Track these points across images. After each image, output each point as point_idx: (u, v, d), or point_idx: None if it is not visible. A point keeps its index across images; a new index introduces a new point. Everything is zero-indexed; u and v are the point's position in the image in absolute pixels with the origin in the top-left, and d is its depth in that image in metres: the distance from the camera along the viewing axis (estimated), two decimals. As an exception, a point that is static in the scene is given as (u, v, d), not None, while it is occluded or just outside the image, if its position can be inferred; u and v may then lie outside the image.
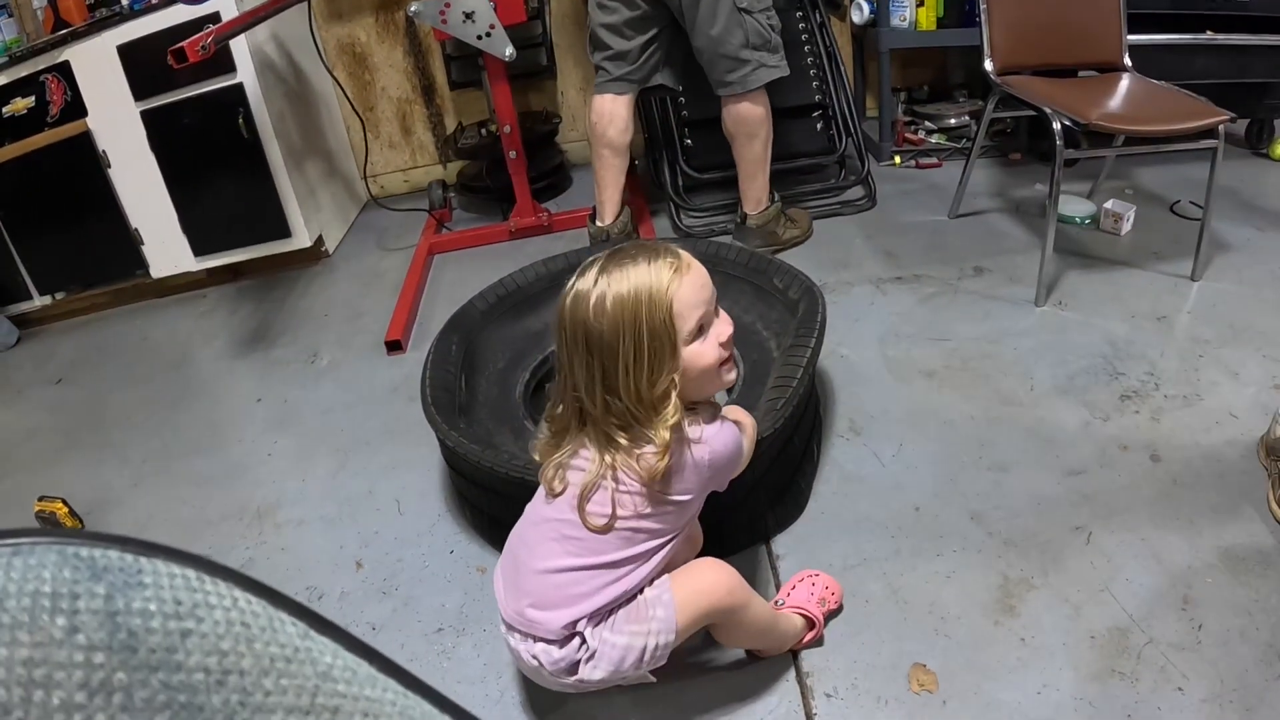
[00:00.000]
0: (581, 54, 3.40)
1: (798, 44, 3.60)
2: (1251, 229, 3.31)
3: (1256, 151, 4.16)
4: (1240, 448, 2.16)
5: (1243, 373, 2.45)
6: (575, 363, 1.36)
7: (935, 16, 3.79)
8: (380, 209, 3.88)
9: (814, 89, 3.62)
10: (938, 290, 2.87)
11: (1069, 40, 3.12)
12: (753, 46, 2.81)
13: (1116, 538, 1.88)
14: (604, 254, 1.39)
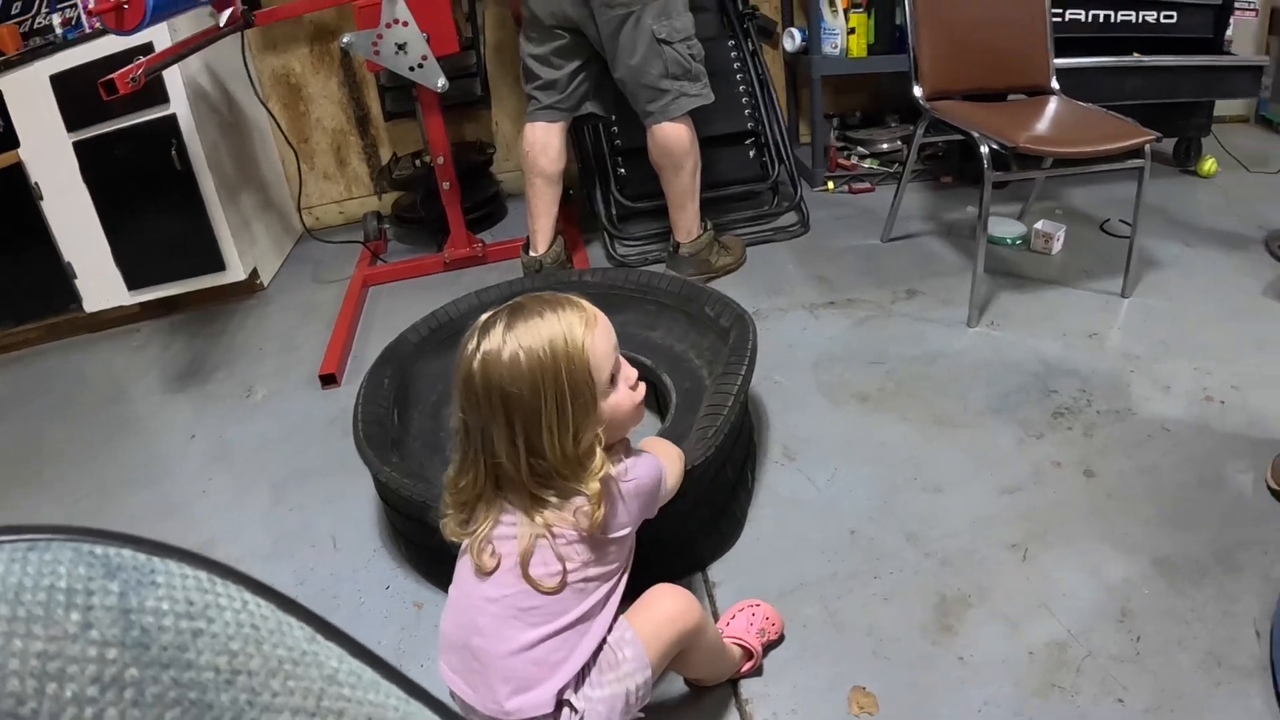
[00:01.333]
0: (516, 83, 3.46)
1: (730, 73, 3.70)
2: (1180, 245, 3.45)
3: (1185, 169, 4.33)
4: (1173, 459, 2.24)
5: (1174, 386, 2.55)
6: (492, 428, 1.34)
7: (866, 44, 3.91)
8: (315, 241, 3.90)
9: (746, 117, 3.71)
10: (871, 314, 2.94)
11: (997, 65, 3.23)
12: (673, 76, 2.88)
13: (1053, 553, 1.94)
14: (503, 309, 1.38)
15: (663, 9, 2.80)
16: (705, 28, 3.45)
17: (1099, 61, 3.78)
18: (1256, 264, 3.38)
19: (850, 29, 3.87)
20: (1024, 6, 3.24)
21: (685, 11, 2.89)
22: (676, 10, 2.85)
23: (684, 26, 2.88)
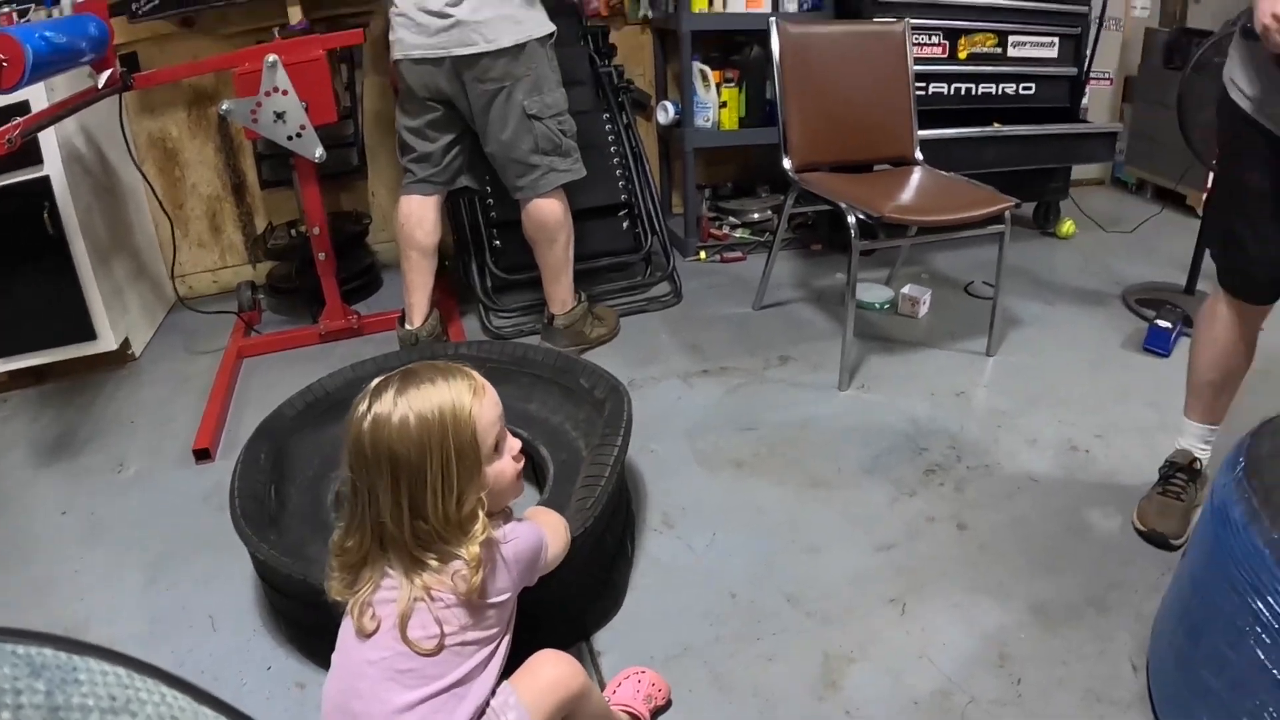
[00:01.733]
0: (393, 154, 3.47)
1: (604, 145, 3.78)
2: (1042, 304, 3.64)
3: (1045, 231, 4.58)
4: (1042, 509, 2.36)
5: (1040, 439, 2.68)
6: (379, 489, 1.37)
7: (738, 116, 4.08)
8: (189, 310, 3.82)
9: (620, 189, 3.79)
10: (744, 381, 3.01)
11: (864, 138, 3.39)
12: (542, 151, 2.94)
13: (930, 605, 2.01)
14: (395, 374, 1.43)
15: (534, 85, 2.86)
16: (581, 101, 3.54)
17: (961, 132, 4.00)
18: (1115, 318, 3.59)
19: (722, 103, 4.03)
20: (889, 82, 3.42)
21: (558, 88, 2.96)
22: (548, 86, 2.92)
23: (555, 102, 2.94)
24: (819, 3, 4.06)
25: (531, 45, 2.83)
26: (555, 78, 2.96)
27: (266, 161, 3.82)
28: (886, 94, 3.43)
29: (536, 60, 2.86)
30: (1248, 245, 2.10)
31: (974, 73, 4.20)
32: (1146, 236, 4.71)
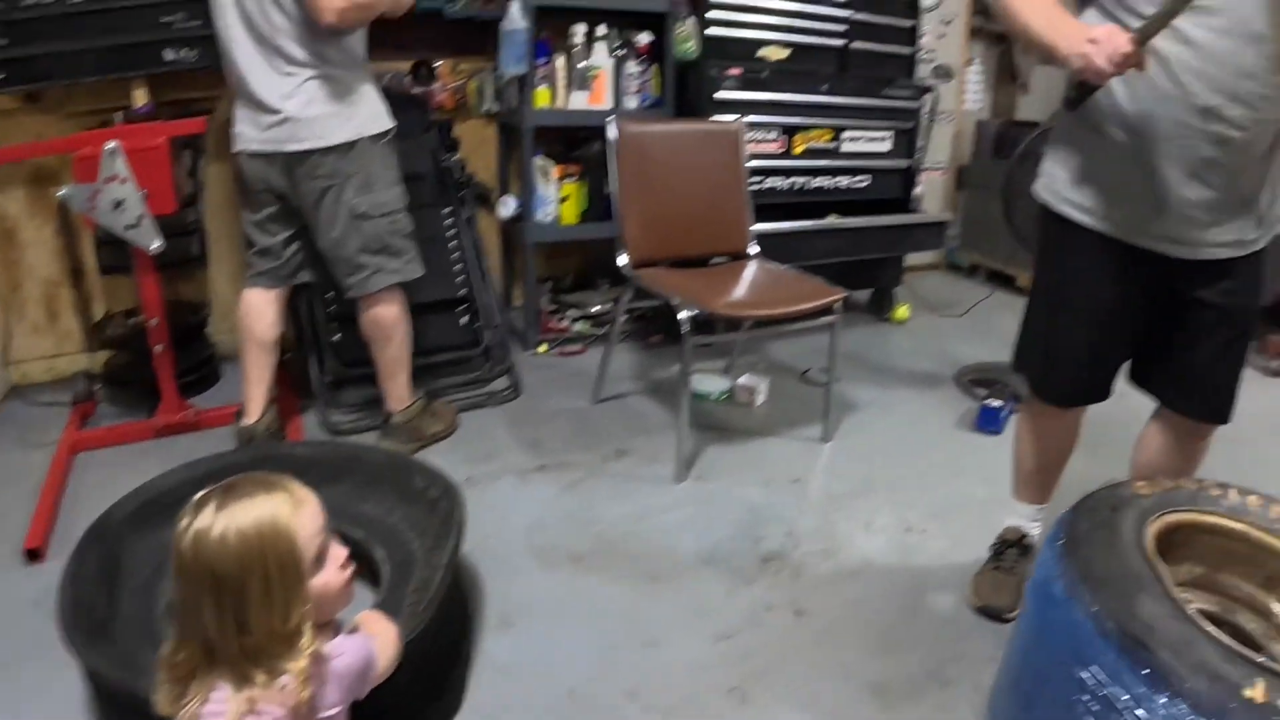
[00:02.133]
0: (234, 244, 3.46)
1: (444, 239, 3.83)
2: (877, 388, 3.80)
3: (881, 317, 4.79)
4: (879, 590, 2.46)
5: (875, 522, 2.81)
6: (204, 604, 1.36)
7: (579, 211, 4.18)
8: (22, 400, 3.73)
9: (459, 284, 3.82)
10: (582, 476, 3.05)
11: (700, 233, 3.52)
12: (371, 251, 2.94)
13: (771, 692, 2.07)
14: (218, 487, 1.42)
15: (364, 183, 2.87)
16: (421, 194, 3.58)
17: (797, 226, 4.18)
18: (949, 399, 3.79)
19: (563, 197, 4.13)
20: (725, 179, 3.57)
21: (391, 186, 2.97)
22: (380, 184, 2.92)
23: (387, 201, 2.94)
24: (660, 100, 4.21)
25: (363, 143, 2.85)
26: (389, 175, 2.96)
27: (106, 247, 3.73)
28: (722, 190, 3.57)
29: (368, 158, 2.87)
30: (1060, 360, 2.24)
31: (810, 167, 4.42)
32: (979, 318, 4.99)
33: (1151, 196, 1.98)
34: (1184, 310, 2.13)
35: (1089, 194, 2.08)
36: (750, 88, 4.15)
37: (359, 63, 2.88)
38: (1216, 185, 1.93)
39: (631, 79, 4.13)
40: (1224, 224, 1.99)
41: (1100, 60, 1.76)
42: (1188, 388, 2.23)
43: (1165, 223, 1.99)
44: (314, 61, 2.75)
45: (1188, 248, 2.01)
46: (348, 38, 2.79)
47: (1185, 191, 1.94)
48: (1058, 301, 2.23)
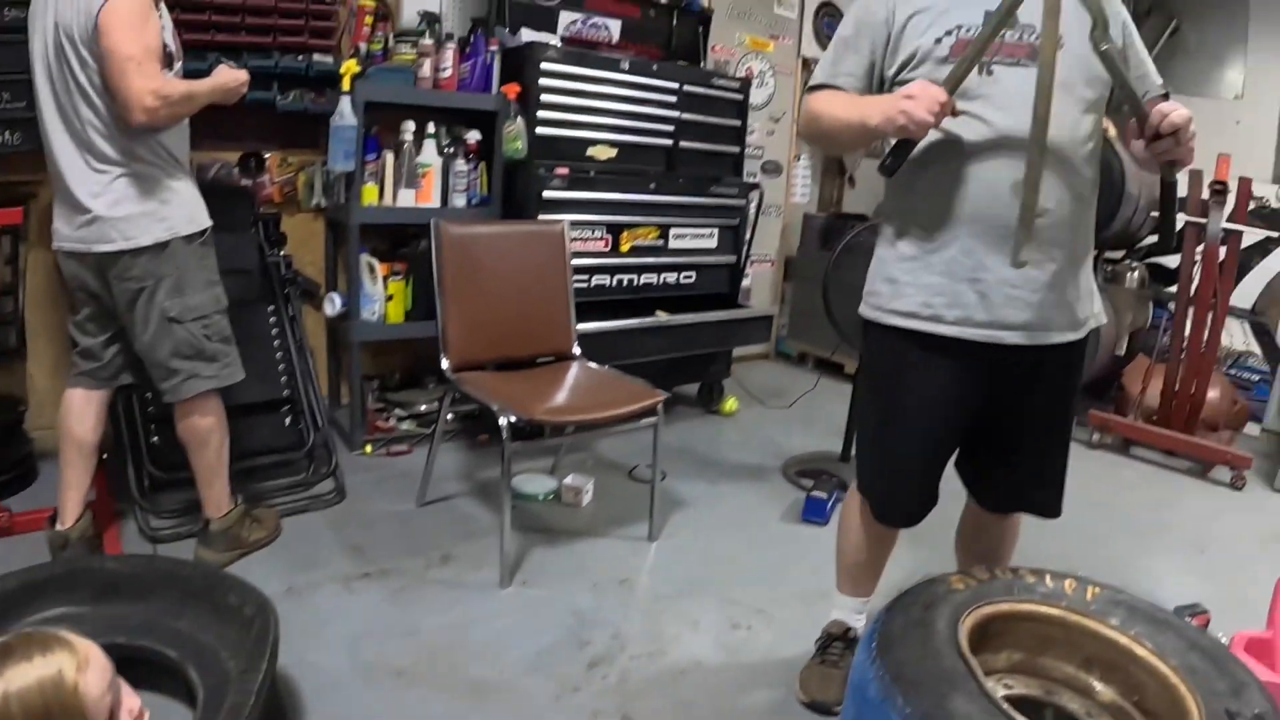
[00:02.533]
0: (54, 336, 3.37)
1: (268, 338, 3.82)
2: (704, 483, 3.92)
3: (709, 409, 4.96)
4: (707, 690, 2.54)
5: (702, 620, 2.89)
6: None
7: (404, 310, 4.21)
8: None
9: (283, 384, 3.81)
10: (406, 583, 3.05)
11: (523, 335, 3.59)
12: (184, 356, 2.89)
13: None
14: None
15: (176, 285, 2.82)
16: (244, 290, 3.58)
17: (623, 324, 4.29)
18: (776, 491, 3.94)
19: (389, 296, 4.16)
20: (549, 280, 3.67)
21: (205, 289, 2.92)
22: (193, 287, 2.88)
23: (200, 305, 2.90)
24: (488, 198, 4.28)
25: (176, 243, 2.81)
26: (204, 277, 2.92)
27: (-83, 338, 3.64)
28: (547, 291, 3.67)
29: (181, 259, 2.83)
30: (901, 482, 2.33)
31: (637, 264, 4.56)
32: (806, 407, 5.20)
33: (973, 283, 2.10)
34: (1013, 406, 2.25)
35: (911, 297, 2.18)
36: (578, 187, 4.27)
37: (175, 159, 2.84)
38: (1034, 263, 2.06)
39: (460, 177, 4.21)
40: (1050, 304, 2.11)
41: (921, 112, 1.90)
42: (1016, 490, 2.38)
43: (990, 307, 2.10)
44: (124, 159, 2.71)
45: (1016, 332, 2.12)
46: (163, 134, 2.76)
47: (1006, 272, 2.07)
48: (893, 417, 2.31)
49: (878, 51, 2.20)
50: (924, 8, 2.13)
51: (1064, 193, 2.07)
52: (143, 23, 2.59)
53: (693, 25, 5.25)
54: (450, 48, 4.15)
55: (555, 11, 4.60)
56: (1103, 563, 3.61)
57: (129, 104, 2.56)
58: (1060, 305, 2.14)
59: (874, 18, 2.20)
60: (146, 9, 2.61)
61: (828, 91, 2.24)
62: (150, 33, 2.62)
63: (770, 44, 6.32)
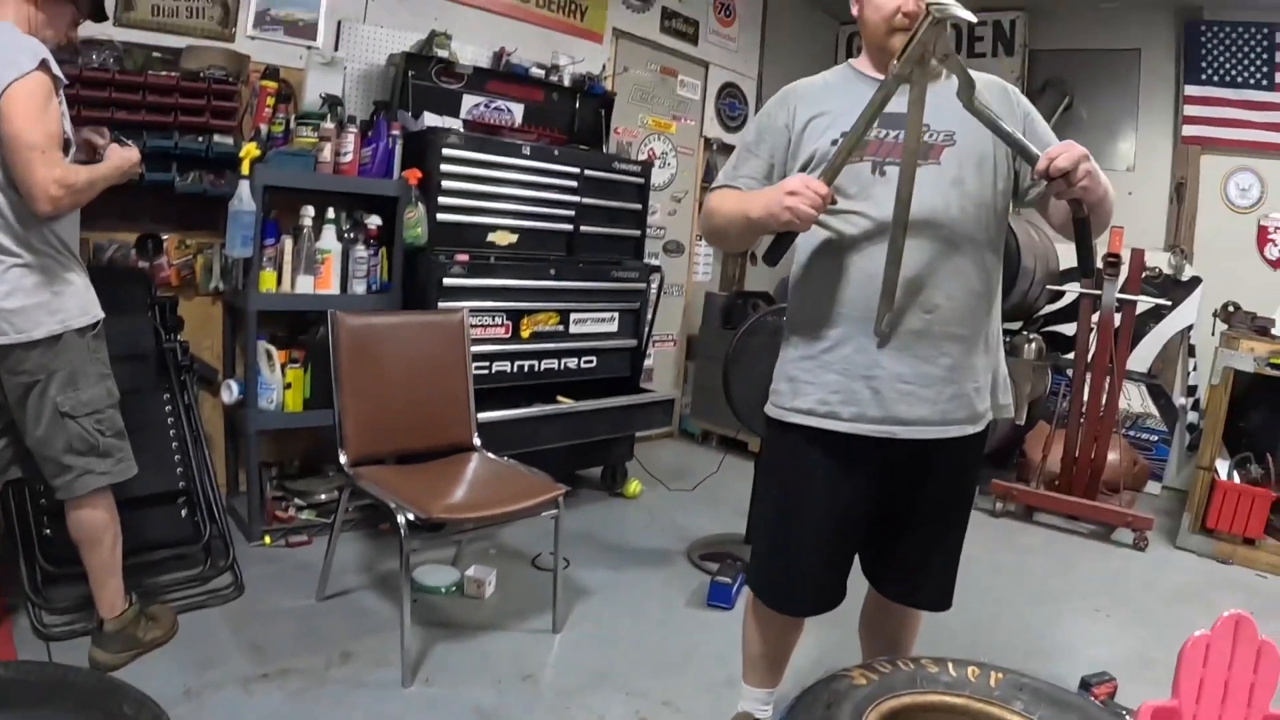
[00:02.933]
0: None
1: (163, 427, 3.77)
2: (609, 570, 3.96)
3: (613, 492, 5.03)
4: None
5: (609, 715, 2.93)
6: None
7: (303, 397, 4.19)
8: None
9: (178, 474, 3.76)
10: (306, 684, 3.00)
11: (423, 428, 3.61)
12: (77, 452, 2.86)
13: None
14: None
15: (69, 379, 2.81)
16: (139, 378, 3.57)
17: (523, 413, 4.36)
18: (681, 576, 3.99)
19: (287, 384, 4.14)
20: (448, 370, 3.71)
21: (98, 382, 2.91)
22: (86, 381, 2.86)
23: (93, 399, 2.89)
24: (388, 285, 4.32)
25: (69, 336, 2.80)
26: (97, 370, 2.91)
27: None
28: (446, 382, 3.71)
29: (74, 352, 2.82)
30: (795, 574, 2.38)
31: (537, 350, 4.63)
32: (710, 488, 5.29)
33: (868, 379, 2.19)
34: (905, 499, 2.33)
35: (809, 396, 2.27)
36: (479, 273, 4.34)
37: (67, 248, 2.83)
38: (927, 358, 2.17)
39: (360, 263, 4.23)
40: (945, 399, 2.20)
41: (804, 205, 2.01)
42: (908, 581, 2.44)
43: (884, 403, 2.19)
44: (18, 249, 2.70)
45: (909, 427, 2.20)
46: (55, 222, 2.75)
47: (898, 367, 2.16)
48: (788, 513, 2.37)
49: (778, 155, 2.33)
50: (822, 112, 2.27)
51: (956, 287, 2.17)
52: (44, 109, 2.60)
53: (595, 108, 5.40)
54: (352, 131, 4.20)
55: (458, 95, 4.71)
56: (1010, 632, 3.73)
57: (34, 194, 2.57)
58: (957, 399, 2.23)
59: (776, 123, 2.34)
60: (48, 93, 2.62)
61: (724, 190, 2.37)
62: (52, 119, 2.63)
63: (672, 125, 6.53)
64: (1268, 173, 6.63)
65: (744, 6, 7.11)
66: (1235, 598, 4.47)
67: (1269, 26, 6.53)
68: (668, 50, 6.50)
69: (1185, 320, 6.67)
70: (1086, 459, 5.40)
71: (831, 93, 2.34)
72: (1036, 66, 7.41)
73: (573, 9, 5.74)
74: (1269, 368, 5.10)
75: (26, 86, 2.57)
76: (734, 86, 7.09)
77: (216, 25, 4.22)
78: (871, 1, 2.25)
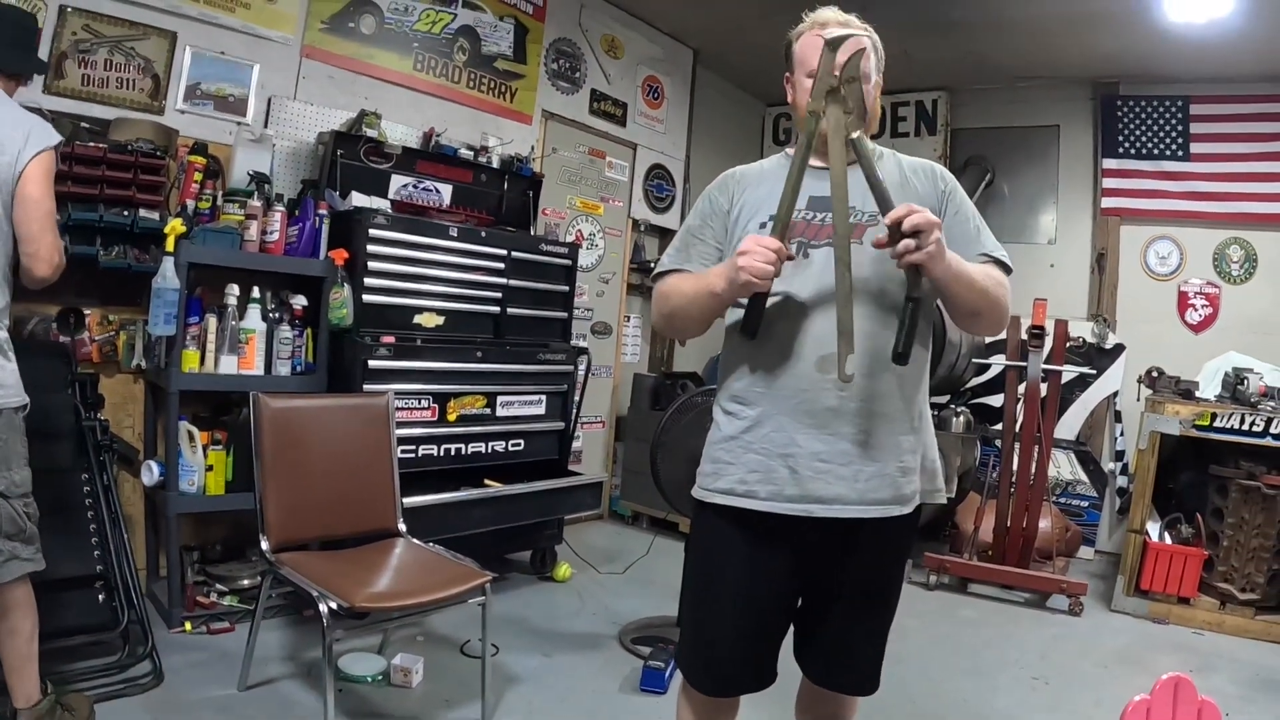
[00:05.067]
0: None
1: (80, 508, 3.72)
2: (540, 656, 3.94)
3: (542, 576, 5.03)
4: None
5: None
6: None
7: (225, 480, 4.14)
8: None
9: (96, 558, 3.70)
10: None
11: (347, 513, 3.60)
12: (6, 535, 2.84)
13: None
14: None
15: (3, 459, 2.81)
16: (57, 457, 3.54)
17: (449, 498, 4.36)
18: (613, 661, 3.97)
19: (209, 466, 4.10)
20: (373, 455, 3.71)
21: (27, 465, 2.90)
22: (18, 462, 2.86)
23: (24, 481, 2.89)
24: (312, 366, 4.33)
25: (7, 414, 2.81)
26: (25, 453, 2.91)
27: None
28: (371, 467, 3.70)
29: (9, 432, 2.83)
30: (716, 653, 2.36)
31: (464, 433, 4.65)
32: (641, 570, 5.32)
33: (785, 458, 2.21)
34: (826, 581, 2.33)
35: (730, 476, 2.28)
36: (405, 356, 4.37)
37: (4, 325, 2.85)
38: (846, 435, 2.19)
39: (284, 344, 4.23)
40: (864, 477, 2.20)
41: (759, 262, 2.04)
42: (831, 664, 2.43)
43: (800, 481, 2.20)
44: None
45: (826, 506, 2.20)
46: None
47: (815, 445, 2.19)
48: (708, 592, 2.38)
49: (721, 239, 2.39)
50: (753, 196, 2.35)
51: (875, 363, 2.20)
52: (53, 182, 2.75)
53: (523, 189, 5.51)
54: (279, 210, 4.25)
55: (387, 175, 4.79)
56: (948, 706, 3.78)
57: (41, 257, 2.71)
58: (879, 479, 2.23)
59: (719, 207, 2.41)
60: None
61: (677, 274, 2.41)
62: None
63: (600, 206, 6.67)
64: (1186, 240, 6.96)
65: (672, 89, 7.31)
66: (1174, 658, 4.60)
67: (1182, 99, 6.86)
68: (596, 132, 6.65)
69: (1111, 387, 6.91)
70: (1018, 528, 5.53)
71: (765, 178, 2.41)
72: (959, 145, 7.69)
73: (502, 90, 5.87)
74: (1194, 430, 5.28)
75: (53, 157, 2.73)
76: (662, 168, 7.25)
77: (146, 97, 4.26)
78: (803, 89, 2.32)
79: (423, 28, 5.39)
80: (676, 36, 7.29)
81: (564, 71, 6.34)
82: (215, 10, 4.45)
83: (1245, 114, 6.73)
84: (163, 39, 4.29)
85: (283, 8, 4.72)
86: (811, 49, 2.30)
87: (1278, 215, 6.68)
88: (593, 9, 6.53)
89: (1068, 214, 7.41)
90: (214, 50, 4.47)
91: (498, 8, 5.81)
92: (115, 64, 4.15)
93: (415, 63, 5.38)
